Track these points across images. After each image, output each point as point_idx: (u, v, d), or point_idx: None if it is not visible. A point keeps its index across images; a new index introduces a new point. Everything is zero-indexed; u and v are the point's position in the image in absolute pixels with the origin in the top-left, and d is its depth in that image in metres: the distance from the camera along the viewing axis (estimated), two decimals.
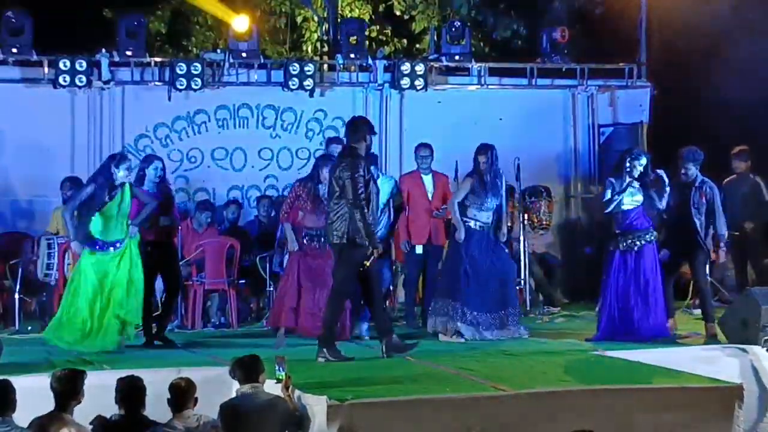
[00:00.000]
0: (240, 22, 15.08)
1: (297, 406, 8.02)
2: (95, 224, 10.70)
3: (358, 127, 10.31)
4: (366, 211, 9.93)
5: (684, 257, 11.43)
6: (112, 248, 10.73)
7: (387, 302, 12.39)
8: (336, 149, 12.62)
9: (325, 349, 9.90)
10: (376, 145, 13.15)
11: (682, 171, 11.30)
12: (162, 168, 11.44)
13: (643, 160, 11.09)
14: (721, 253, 11.65)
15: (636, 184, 11.09)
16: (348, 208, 9.94)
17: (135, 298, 10.77)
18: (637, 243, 11.11)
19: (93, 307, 10.62)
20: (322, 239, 11.06)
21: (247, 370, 8.03)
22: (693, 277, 11.73)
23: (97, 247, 10.71)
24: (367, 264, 10.10)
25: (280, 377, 8.06)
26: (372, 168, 10.71)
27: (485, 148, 11.41)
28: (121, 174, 10.72)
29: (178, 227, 12.14)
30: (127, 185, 10.81)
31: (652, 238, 11.15)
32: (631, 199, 11.13)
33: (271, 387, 8.12)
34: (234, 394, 8.06)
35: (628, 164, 11.11)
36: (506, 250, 11.79)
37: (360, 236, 9.91)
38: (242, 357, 8.20)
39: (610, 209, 11.13)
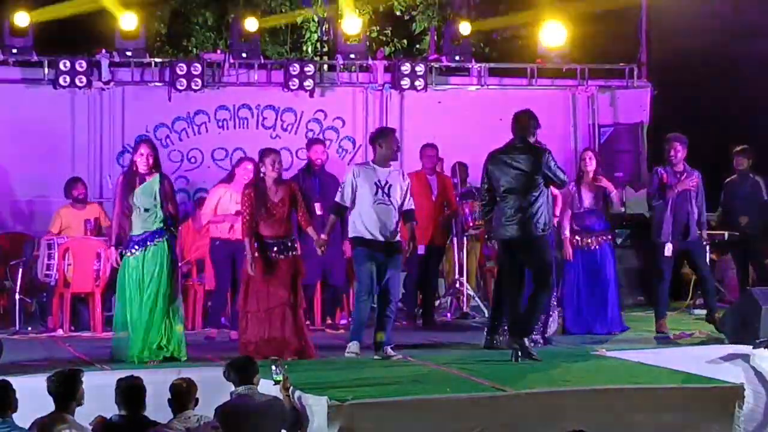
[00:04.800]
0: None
1: (296, 405, 8.02)
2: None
3: (529, 121, 10.00)
4: None
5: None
6: (136, 247, 9.97)
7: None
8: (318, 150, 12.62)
9: (519, 342, 9.76)
10: None
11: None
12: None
13: None
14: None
15: None
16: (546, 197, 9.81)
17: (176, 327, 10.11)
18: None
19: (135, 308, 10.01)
20: (284, 248, 10.24)
21: (242, 372, 8.01)
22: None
23: (131, 246, 10.08)
24: None
25: (278, 379, 8.05)
26: None
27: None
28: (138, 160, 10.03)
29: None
30: (157, 175, 10.08)
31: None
32: None
33: (267, 387, 8.12)
34: None
35: None
36: None
37: None
38: (236, 359, 8.22)
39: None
